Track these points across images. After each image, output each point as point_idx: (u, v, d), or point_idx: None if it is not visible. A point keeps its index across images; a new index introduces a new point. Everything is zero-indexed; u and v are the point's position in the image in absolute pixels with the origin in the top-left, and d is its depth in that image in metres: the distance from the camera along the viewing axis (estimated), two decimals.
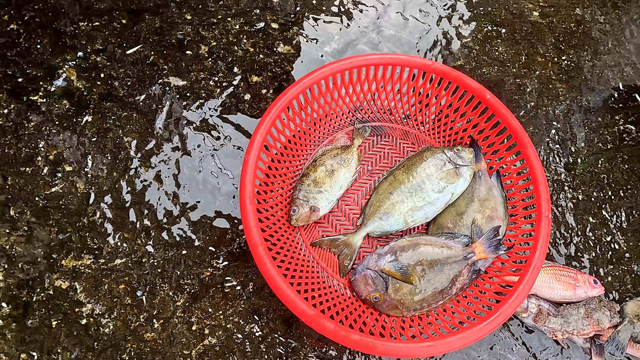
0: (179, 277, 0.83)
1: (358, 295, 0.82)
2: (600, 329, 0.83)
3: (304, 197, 0.86)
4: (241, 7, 1.07)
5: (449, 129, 0.95)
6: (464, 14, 1.12)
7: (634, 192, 0.98)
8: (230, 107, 0.97)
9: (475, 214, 0.87)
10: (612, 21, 1.16)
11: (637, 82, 1.09)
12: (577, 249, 0.93)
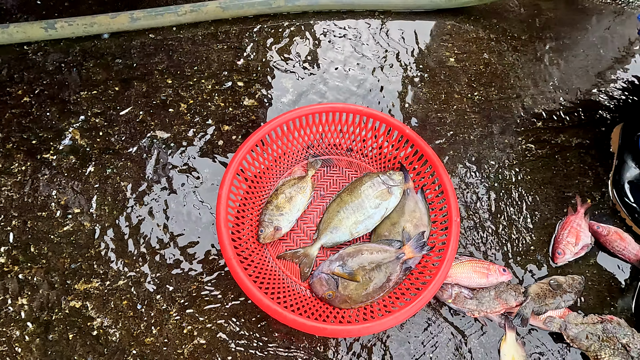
0: (171, 291, 1.03)
1: (315, 294, 1.03)
2: (508, 306, 1.05)
3: (268, 219, 1.08)
4: (212, 70, 1.32)
5: (383, 157, 1.20)
6: (393, 64, 1.39)
7: (535, 198, 1.23)
8: (207, 152, 1.20)
9: (405, 223, 1.10)
10: (513, 62, 1.44)
11: (535, 109, 1.36)
12: (492, 245, 1.16)
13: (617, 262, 1.17)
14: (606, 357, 1.02)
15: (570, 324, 1.04)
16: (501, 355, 1.03)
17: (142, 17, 1.31)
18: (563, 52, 1.49)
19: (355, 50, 1.40)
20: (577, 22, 1.56)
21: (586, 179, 1.28)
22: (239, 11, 1.37)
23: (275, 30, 1.41)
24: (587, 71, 1.46)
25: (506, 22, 1.52)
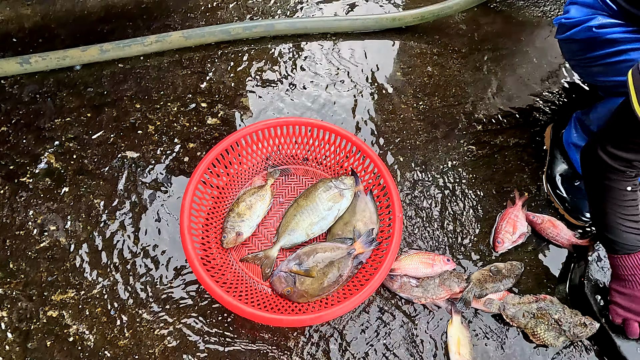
0: (142, 297, 1.12)
1: (275, 291, 1.13)
2: (452, 292, 1.16)
3: (230, 226, 1.18)
4: (177, 94, 1.43)
5: (336, 164, 1.31)
6: (344, 80, 1.52)
7: (477, 194, 1.35)
8: (173, 168, 1.30)
9: (356, 222, 1.21)
10: (454, 73, 1.59)
11: (475, 115, 1.50)
12: (438, 239, 1.27)
13: (552, 247, 1.29)
14: (541, 332, 1.12)
15: (508, 305, 1.15)
16: (448, 337, 1.13)
17: (111, 49, 1.42)
18: (500, 62, 1.64)
19: (309, 70, 1.54)
20: (513, 34, 1.72)
21: (523, 175, 1.40)
22: (201, 39, 1.50)
23: (236, 54, 1.54)
24: (522, 78, 1.61)
25: (448, 37, 1.67)
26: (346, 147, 1.27)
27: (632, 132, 0.91)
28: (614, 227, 1.03)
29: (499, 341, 1.15)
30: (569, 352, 1.15)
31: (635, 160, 0.94)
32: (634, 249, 1.02)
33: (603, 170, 1.00)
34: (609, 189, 1.01)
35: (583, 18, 1.15)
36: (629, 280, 1.04)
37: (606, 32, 1.09)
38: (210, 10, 1.64)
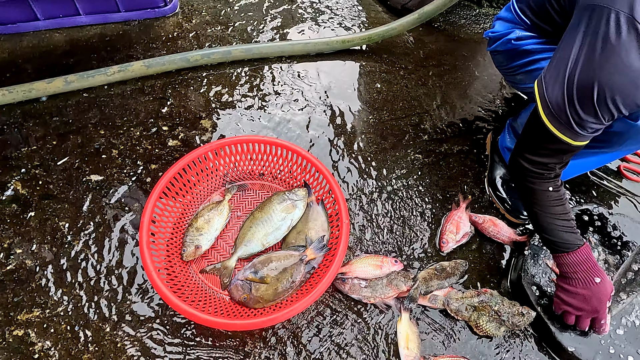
0: (105, 312, 1.17)
1: (233, 299, 1.19)
2: (400, 291, 1.24)
3: (189, 240, 1.25)
4: (140, 119, 1.52)
5: (290, 178, 1.40)
6: (298, 99, 1.63)
7: (424, 199, 1.45)
8: (136, 189, 1.38)
9: (309, 230, 1.29)
10: (401, 88, 1.71)
11: (421, 126, 1.61)
12: (388, 242, 1.35)
13: (495, 245, 1.38)
14: (483, 323, 1.20)
15: (451, 300, 1.23)
16: (397, 334, 1.20)
17: (75, 79, 1.51)
18: (444, 77, 1.76)
19: (266, 91, 1.64)
20: (455, 51, 1.85)
21: (467, 179, 1.51)
22: (162, 67, 1.60)
23: (195, 80, 1.64)
24: (465, 90, 1.73)
25: (395, 56, 1.80)
26: (297, 161, 1.36)
27: (542, 137, 1.00)
28: (548, 228, 1.10)
29: (446, 335, 1.22)
30: (512, 341, 1.23)
31: (549, 163, 1.04)
32: (572, 247, 1.09)
33: (525, 175, 1.09)
34: (534, 191, 1.10)
35: (505, 32, 1.27)
36: (571, 277, 1.10)
37: (523, 43, 1.22)
38: (171, 40, 1.74)
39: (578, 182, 1.55)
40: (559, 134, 0.95)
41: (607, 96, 0.85)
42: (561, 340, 1.17)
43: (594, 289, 1.07)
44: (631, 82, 0.83)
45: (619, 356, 1.15)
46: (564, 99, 0.90)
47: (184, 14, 1.84)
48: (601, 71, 0.84)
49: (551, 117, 0.95)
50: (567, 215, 1.10)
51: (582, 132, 0.93)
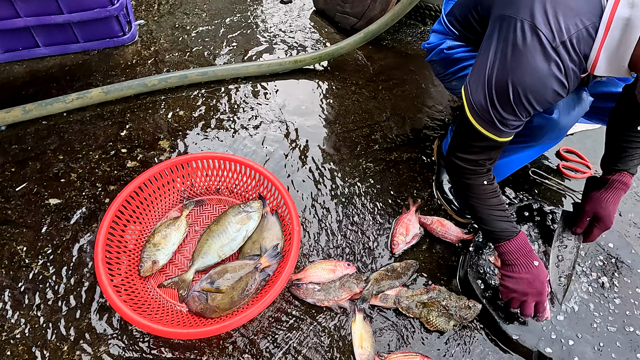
0: (63, 331, 1.19)
1: (191, 310, 1.23)
2: (352, 292, 1.29)
3: (147, 255, 1.29)
4: (99, 143, 1.57)
5: (245, 191, 1.46)
6: (254, 116, 1.70)
7: (375, 204, 1.52)
8: (95, 210, 1.41)
9: (263, 240, 1.34)
10: (353, 102, 1.80)
11: (372, 136, 1.70)
12: (341, 247, 1.41)
13: (444, 244, 1.45)
14: (433, 319, 1.26)
15: (402, 298, 1.29)
16: (352, 333, 1.25)
17: (33, 108, 1.56)
18: (393, 90, 1.87)
19: (222, 110, 1.71)
20: (403, 66, 1.97)
21: (416, 184, 1.59)
22: (120, 93, 1.66)
23: (154, 104, 1.70)
24: (413, 102, 1.84)
25: (346, 73, 1.91)
26: (252, 175, 1.42)
27: (471, 136, 1.10)
28: (487, 219, 1.19)
29: (399, 332, 1.27)
30: (461, 334, 1.28)
31: (479, 159, 1.13)
32: (510, 235, 1.17)
33: (460, 173, 1.18)
34: (470, 186, 1.19)
35: (438, 42, 1.38)
36: (513, 264, 1.18)
37: (453, 52, 1.33)
38: (129, 67, 1.81)
39: (521, 181, 1.65)
40: (485, 132, 1.04)
41: (521, 95, 0.95)
42: (506, 329, 1.23)
43: (534, 272, 1.15)
44: (539, 82, 0.93)
45: (561, 341, 1.22)
46: (486, 101, 1.00)
47: (142, 42, 1.92)
48: (513, 73, 0.94)
49: (477, 117, 1.04)
50: (502, 206, 1.19)
51: (504, 129, 1.02)
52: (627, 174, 1.24)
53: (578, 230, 1.32)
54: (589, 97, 1.10)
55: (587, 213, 1.28)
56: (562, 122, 1.08)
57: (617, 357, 1.20)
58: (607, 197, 1.24)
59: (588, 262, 1.38)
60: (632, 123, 1.19)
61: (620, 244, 1.44)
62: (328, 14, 2.13)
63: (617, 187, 1.24)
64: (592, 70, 0.94)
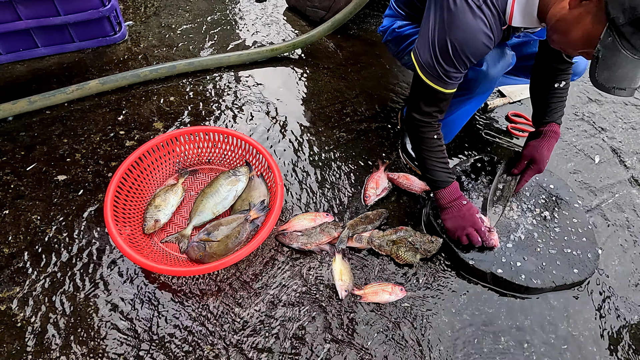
0: (78, 283, 1.35)
1: (191, 258, 1.40)
2: (332, 237, 1.48)
3: (149, 215, 1.46)
4: (99, 127, 1.75)
5: (234, 160, 1.65)
6: (238, 100, 1.90)
7: (349, 167, 1.73)
8: (99, 183, 1.58)
9: (252, 197, 1.54)
10: (325, 84, 2.02)
11: (344, 111, 1.91)
12: (321, 202, 1.61)
13: (410, 195, 1.67)
14: (402, 253, 1.46)
15: (374, 238, 1.49)
16: (332, 271, 1.44)
17: (38, 99, 1.73)
18: (361, 72, 2.10)
19: (208, 94, 1.91)
20: (369, 52, 2.20)
21: (384, 148, 1.81)
22: (115, 83, 1.84)
23: (146, 92, 1.89)
24: (379, 81, 2.07)
25: (318, 59, 2.13)
26: (240, 145, 1.62)
27: (423, 92, 1.31)
28: (431, 170, 1.41)
29: (373, 268, 1.47)
30: (428, 266, 1.49)
31: (432, 111, 1.35)
32: (447, 183, 1.41)
33: (416, 126, 1.40)
34: (423, 139, 1.40)
35: (389, 24, 1.61)
36: (449, 207, 1.42)
37: (403, 30, 1.55)
38: (122, 62, 2.00)
39: (476, 141, 1.88)
40: (435, 85, 1.26)
41: (458, 49, 1.17)
42: (464, 257, 1.44)
43: (464, 209, 1.39)
44: (471, 36, 1.15)
45: (510, 263, 1.43)
46: (432, 58, 1.22)
47: (132, 40, 2.11)
48: (450, 32, 1.16)
49: (427, 74, 1.26)
50: (445, 159, 1.41)
51: (449, 81, 1.24)
52: (555, 124, 1.49)
53: (516, 171, 1.55)
54: (511, 51, 1.34)
55: (525, 157, 1.52)
56: (491, 73, 1.31)
57: (557, 272, 1.42)
58: (542, 144, 1.48)
59: (532, 200, 1.61)
60: (550, 82, 1.44)
61: (560, 184, 1.67)
62: (299, 9, 2.36)
63: (549, 136, 1.49)
64: (510, 22, 1.16)
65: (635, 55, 0.94)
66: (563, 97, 1.47)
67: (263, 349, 1.25)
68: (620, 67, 0.98)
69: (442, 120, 1.52)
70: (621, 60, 0.97)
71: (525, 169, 1.53)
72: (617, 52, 0.95)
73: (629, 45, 0.93)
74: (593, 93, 2.20)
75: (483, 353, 1.30)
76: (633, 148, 1.95)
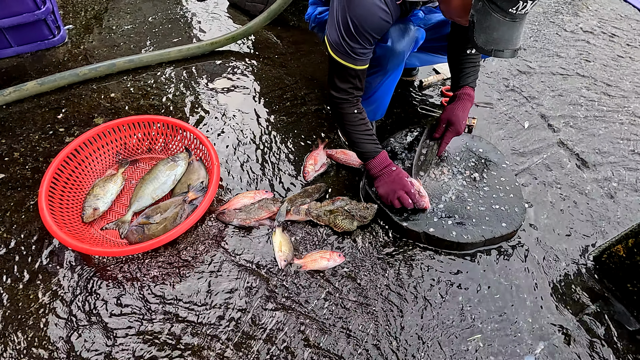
0: (17, 275, 1.36)
1: (131, 243, 1.42)
2: (270, 212, 1.53)
3: (88, 204, 1.48)
4: (38, 126, 1.75)
5: (175, 148, 1.68)
6: (179, 91, 1.94)
7: (290, 147, 1.78)
8: (38, 179, 1.59)
9: (190, 180, 1.57)
10: (266, 73, 2.07)
11: (284, 95, 1.97)
12: (263, 181, 1.65)
13: (348, 169, 1.73)
14: (340, 222, 1.51)
15: (312, 209, 1.54)
16: (273, 243, 1.48)
17: None
18: (301, 59, 2.16)
19: (150, 90, 1.94)
20: (308, 40, 2.28)
21: (323, 128, 1.87)
22: (54, 83, 1.86)
23: (87, 91, 1.91)
24: (318, 67, 2.14)
25: (259, 50, 2.19)
26: (178, 131, 1.65)
27: (337, 70, 1.37)
28: (358, 143, 1.48)
29: (313, 238, 1.51)
30: (366, 231, 1.54)
31: (348, 88, 1.40)
32: (375, 153, 1.48)
33: (336, 104, 1.45)
34: (344, 115, 1.46)
35: (312, 11, 1.68)
36: (380, 175, 1.49)
37: (323, 16, 1.63)
38: (62, 64, 2.02)
39: (412, 116, 1.96)
40: (345, 62, 1.33)
41: (358, 26, 1.24)
42: (398, 221, 1.50)
43: (394, 174, 1.47)
44: (368, 12, 1.22)
45: (441, 222, 1.50)
46: (338, 37, 1.29)
47: (72, 43, 2.13)
48: (349, 10, 1.23)
49: (337, 52, 1.32)
50: (370, 131, 1.48)
51: (357, 57, 1.31)
52: (469, 87, 1.59)
53: (436, 135, 1.64)
54: (415, 27, 1.41)
55: (442, 121, 1.61)
56: (397, 48, 1.38)
57: (486, 227, 1.50)
58: (457, 107, 1.58)
59: (463, 164, 1.69)
60: (461, 49, 1.54)
61: (488, 148, 1.76)
62: (239, 5, 2.43)
63: (463, 99, 1.58)
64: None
65: (506, 17, 1.03)
66: (475, 62, 1.56)
67: (208, 323, 1.28)
68: (495, 29, 1.07)
69: (368, 99, 1.60)
70: (494, 23, 1.06)
71: (445, 132, 1.62)
72: (488, 16, 1.04)
73: (496, 7, 1.02)
74: (522, 66, 2.32)
75: (422, 306, 1.36)
76: (560, 113, 2.06)
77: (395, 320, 1.32)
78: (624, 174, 1.82)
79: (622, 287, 1.43)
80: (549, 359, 1.27)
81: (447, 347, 1.27)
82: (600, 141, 1.95)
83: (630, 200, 1.71)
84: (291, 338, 1.26)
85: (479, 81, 2.14)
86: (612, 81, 2.29)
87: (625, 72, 2.36)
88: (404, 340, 1.28)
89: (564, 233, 1.60)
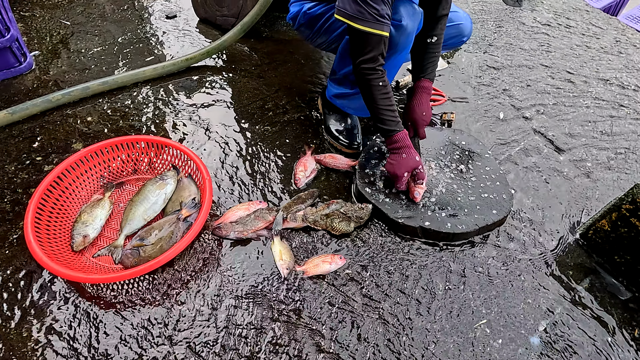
0: (7, 313, 1.29)
1: (126, 267, 1.38)
2: (267, 221, 1.52)
3: (77, 232, 1.42)
4: (13, 156, 1.68)
5: (161, 167, 1.65)
6: (158, 110, 1.91)
7: (277, 155, 1.78)
8: (19, 211, 1.52)
9: (182, 197, 1.54)
10: (243, 84, 2.07)
11: (265, 106, 1.97)
12: (254, 191, 1.64)
13: (338, 173, 1.74)
14: (337, 224, 1.52)
15: (308, 215, 1.54)
16: (273, 252, 1.47)
17: None
18: (278, 69, 2.18)
19: (128, 110, 1.90)
20: (283, 50, 2.29)
21: (309, 134, 1.88)
22: (26, 112, 1.79)
23: (61, 116, 1.85)
24: (295, 75, 2.15)
25: (235, 63, 2.19)
26: (164, 150, 1.62)
27: (362, 40, 1.37)
28: (382, 119, 1.49)
29: (312, 244, 1.51)
30: (363, 232, 1.55)
31: (375, 55, 1.39)
32: (397, 131, 1.50)
33: (364, 74, 1.43)
34: (372, 87, 1.45)
35: (298, 9, 1.70)
36: (397, 152, 1.51)
37: (314, 10, 1.64)
38: (31, 91, 1.95)
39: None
40: (371, 29, 1.33)
41: None
42: (394, 218, 1.53)
43: (401, 160, 1.50)
44: None
45: (436, 215, 1.54)
46: (358, 5, 1.30)
47: (40, 69, 2.06)
48: None
49: (359, 21, 1.32)
50: (393, 107, 1.50)
51: (383, 20, 1.32)
52: (426, 80, 1.64)
53: (411, 134, 1.67)
54: (419, 8, 1.45)
55: (407, 120, 1.66)
56: (409, 26, 1.40)
57: (479, 216, 1.54)
58: (414, 104, 1.64)
59: (448, 157, 1.74)
60: (424, 37, 1.58)
61: (470, 140, 1.82)
62: (210, 20, 2.42)
63: (420, 92, 1.64)
64: None
65: None
66: (435, 53, 1.61)
67: (214, 341, 1.25)
68: None
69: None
70: None
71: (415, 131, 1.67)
72: None
73: None
74: (491, 62, 2.42)
75: (429, 296, 1.38)
76: (531, 102, 2.16)
77: (402, 316, 1.33)
78: (595, 153, 1.92)
79: (610, 260, 1.50)
80: (553, 337, 1.32)
81: (454, 336, 1.30)
82: (570, 125, 2.05)
83: (606, 177, 1.81)
84: (302, 346, 1.25)
85: (452, 77, 2.22)
86: (573, 69, 2.42)
87: (584, 59, 2.51)
88: (413, 337, 1.29)
89: (550, 214, 1.67)
